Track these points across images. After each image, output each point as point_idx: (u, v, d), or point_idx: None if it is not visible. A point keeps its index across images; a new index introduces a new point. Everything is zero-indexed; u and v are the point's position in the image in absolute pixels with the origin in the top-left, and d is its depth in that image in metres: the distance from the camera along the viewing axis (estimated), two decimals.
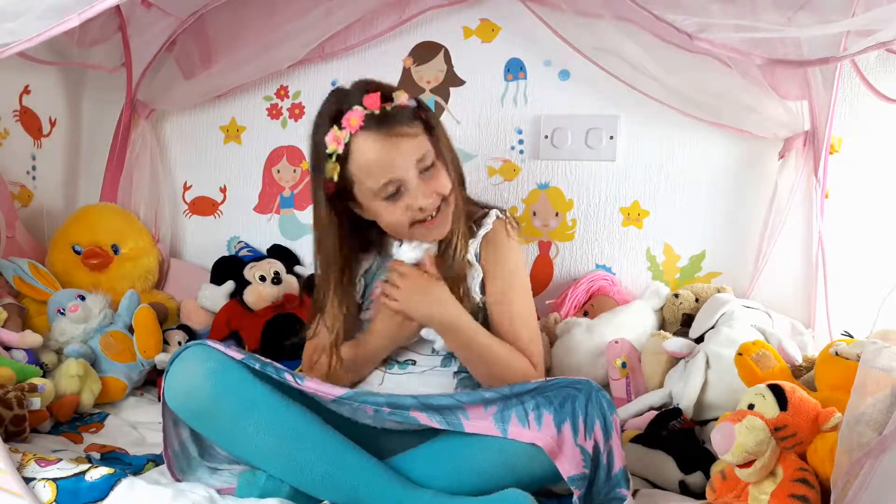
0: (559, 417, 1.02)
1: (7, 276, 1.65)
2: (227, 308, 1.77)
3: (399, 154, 1.18)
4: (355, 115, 1.16)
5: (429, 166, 1.21)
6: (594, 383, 1.06)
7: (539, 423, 1.02)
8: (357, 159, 1.18)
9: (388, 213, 1.21)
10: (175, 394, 1.08)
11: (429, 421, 1.05)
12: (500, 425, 1.04)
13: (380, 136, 1.17)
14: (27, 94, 1.85)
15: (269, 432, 1.05)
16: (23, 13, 1.04)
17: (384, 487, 1.04)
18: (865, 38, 1.23)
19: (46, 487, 1.01)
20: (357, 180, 1.20)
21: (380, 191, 1.19)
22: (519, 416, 1.03)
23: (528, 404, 1.04)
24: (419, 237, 1.25)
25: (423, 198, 1.19)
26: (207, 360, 1.07)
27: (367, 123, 1.16)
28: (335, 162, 1.19)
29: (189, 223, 2.06)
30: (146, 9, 1.80)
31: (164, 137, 2.05)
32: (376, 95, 1.17)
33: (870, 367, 0.93)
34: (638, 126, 1.78)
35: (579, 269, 1.84)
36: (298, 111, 1.97)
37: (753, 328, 1.43)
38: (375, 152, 1.17)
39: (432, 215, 1.22)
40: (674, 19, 1.34)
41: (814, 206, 1.61)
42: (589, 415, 1.02)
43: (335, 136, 1.18)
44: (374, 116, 1.17)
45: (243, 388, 1.06)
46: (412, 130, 1.19)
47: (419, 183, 1.19)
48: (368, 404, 1.08)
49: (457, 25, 1.85)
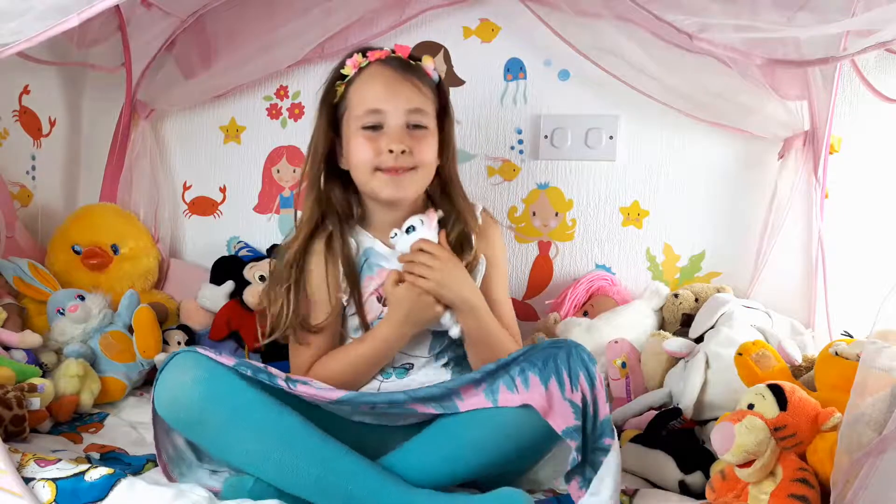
0: (544, 375, 1.02)
1: (7, 276, 1.64)
2: (227, 308, 1.77)
3: (396, 93, 1.23)
4: (379, 52, 1.26)
5: (420, 125, 1.24)
6: (572, 341, 1.08)
7: (526, 385, 1.03)
8: (360, 83, 1.25)
9: (360, 148, 1.23)
10: (163, 402, 1.07)
11: (426, 409, 1.07)
12: (491, 396, 1.05)
13: (389, 71, 1.24)
14: (27, 94, 1.85)
15: (259, 438, 1.04)
16: (23, 13, 1.04)
17: (378, 489, 1.04)
18: (865, 38, 1.23)
19: (46, 487, 1.01)
20: (350, 104, 1.25)
21: (363, 116, 1.23)
22: (507, 384, 1.05)
23: (512, 371, 1.05)
24: (377, 189, 1.24)
25: (397, 143, 1.21)
26: (195, 367, 1.06)
27: (387, 60, 1.25)
28: (342, 83, 1.26)
29: (189, 223, 2.06)
30: (146, 9, 1.80)
31: (164, 137, 2.05)
32: (407, 48, 1.28)
33: (870, 367, 0.93)
34: (638, 126, 1.78)
35: (579, 269, 1.84)
36: (298, 111, 1.97)
37: (753, 328, 1.43)
38: (378, 82, 1.23)
39: (398, 168, 1.22)
40: (674, 19, 1.35)
41: (814, 206, 1.61)
42: (572, 368, 1.02)
43: (355, 61, 1.25)
44: (395, 58, 1.26)
45: (232, 395, 1.05)
46: (423, 87, 1.25)
47: (401, 129, 1.22)
48: (366, 403, 1.09)
49: (457, 25, 1.85)
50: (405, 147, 1.21)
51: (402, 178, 1.23)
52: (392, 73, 1.24)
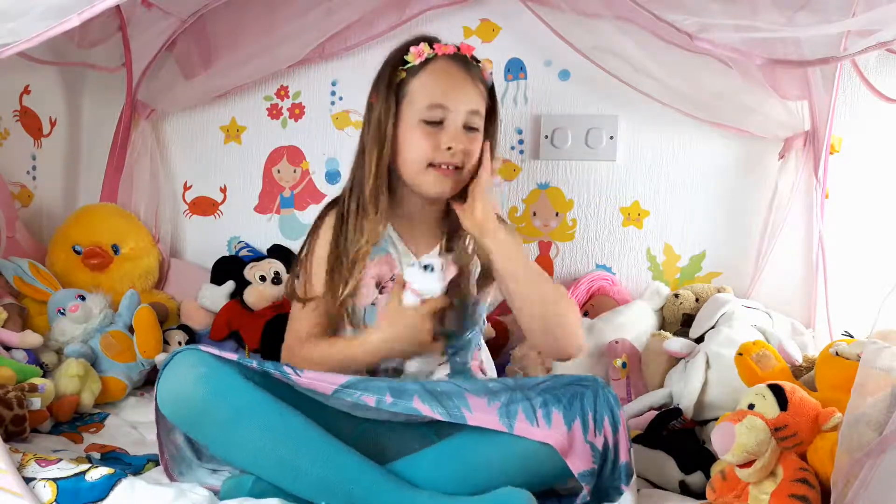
0: (569, 416, 1.01)
1: (7, 276, 1.64)
2: (227, 308, 1.77)
3: (463, 93, 1.23)
4: (447, 47, 1.25)
5: (473, 127, 1.24)
6: (600, 379, 1.06)
7: (549, 422, 1.01)
8: (427, 74, 1.23)
9: (418, 141, 1.22)
10: (166, 400, 1.06)
11: (431, 413, 1.04)
12: (506, 420, 1.02)
13: (458, 70, 1.24)
14: (27, 94, 1.85)
15: (261, 437, 1.04)
16: (23, 13, 1.04)
17: (380, 490, 1.03)
18: (865, 38, 1.23)
19: (46, 487, 1.01)
20: (412, 94, 1.23)
21: (427, 109, 1.22)
22: (526, 411, 1.02)
23: (535, 401, 1.03)
24: (425, 184, 1.24)
25: (456, 142, 1.21)
26: (197, 365, 1.05)
27: (454, 57, 1.24)
28: (404, 70, 1.24)
29: (189, 223, 2.06)
30: (146, 9, 1.80)
31: (164, 137, 2.05)
32: (471, 48, 1.27)
33: (870, 367, 0.93)
34: (638, 126, 1.78)
35: (579, 269, 1.84)
36: (298, 111, 1.97)
37: (753, 328, 1.43)
38: (446, 77, 1.23)
39: (451, 167, 1.22)
40: (674, 19, 1.35)
41: (814, 206, 1.61)
42: (598, 411, 1.02)
43: (420, 50, 1.24)
44: (461, 56, 1.25)
45: (235, 393, 1.05)
46: (482, 89, 1.25)
47: (461, 128, 1.22)
48: (371, 392, 1.06)
49: (457, 25, 1.85)
50: (463, 146, 1.22)
51: (450, 176, 1.23)
52: (458, 71, 1.23)
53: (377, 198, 1.25)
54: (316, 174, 1.97)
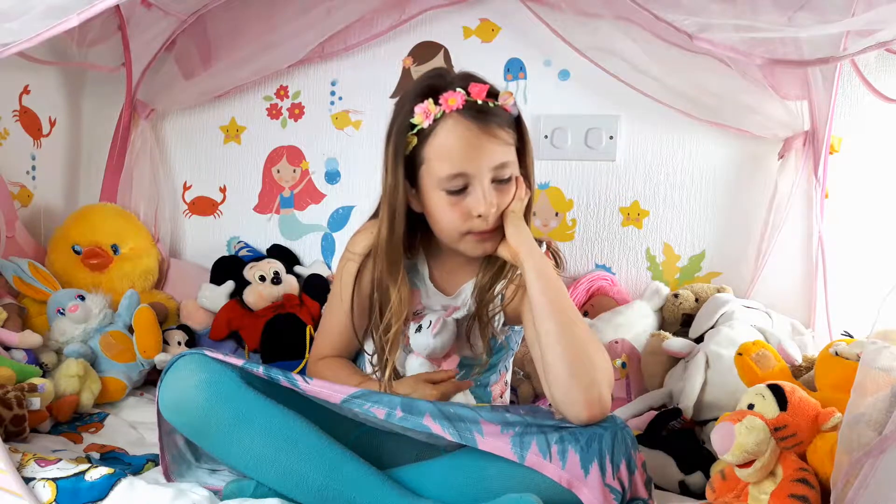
0: (586, 458, 0.98)
1: (7, 276, 1.65)
2: (227, 308, 1.77)
3: (483, 152, 1.11)
4: (456, 97, 1.11)
5: (505, 179, 1.14)
6: (618, 419, 1.03)
7: (563, 460, 0.99)
8: (439, 139, 1.12)
9: (445, 211, 1.14)
10: (168, 406, 1.05)
11: (441, 431, 1.01)
12: (518, 450, 1.00)
13: (472, 126, 1.11)
14: (27, 94, 1.85)
15: (263, 443, 1.03)
16: (23, 13, 1.04)
17: (381, 498, 1.02)
18: (865, 38, 1.23)
19: (46, 487, 1.01)
20: (429, 162, 1.13)
21: (447, 180, 1.12)
22: (540, 444, 1.00)
23: (550, 436, 1.00)
24: (466, 249, 1.19)
25: (486, 206, 1.12)
26: (200, 370, 1.04)
27: (465, 109, 1.11)
28: (415, 135, 1.13)
29: (189, 223, 2.06)
30: (146, 9, 1.80)
31: (164, 137, 2.05)
32: (484, 87, 1.13)
33: (870, 367, 0.92)
34: (638, 126, 1.78)
35: (579, 270, 1.84)
36: (298, 111, 1.97)
37: (753, 328, 1.43)
38: (461, 139, 1.11)
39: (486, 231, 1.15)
40: (674, 19, 1.34)
41: (814, 206, 1.61)
42: (615, 454, 0.99)
43: (426, 110, 1.11)
44: (475, 105, 1.11)
45: (237, 399, 1.04)
46: (505, 136, 1.13)
47: (488, 189, 1.12)
48: (381, 405, 1.05)
49: (457, 25, 1.85)
50: (494, 208, 1.13)
51: (488, 239, 1.16)
52: (473, 126, 1.11)
53: (395, 264, 1.19)
54: (315, 174, 1.97)
